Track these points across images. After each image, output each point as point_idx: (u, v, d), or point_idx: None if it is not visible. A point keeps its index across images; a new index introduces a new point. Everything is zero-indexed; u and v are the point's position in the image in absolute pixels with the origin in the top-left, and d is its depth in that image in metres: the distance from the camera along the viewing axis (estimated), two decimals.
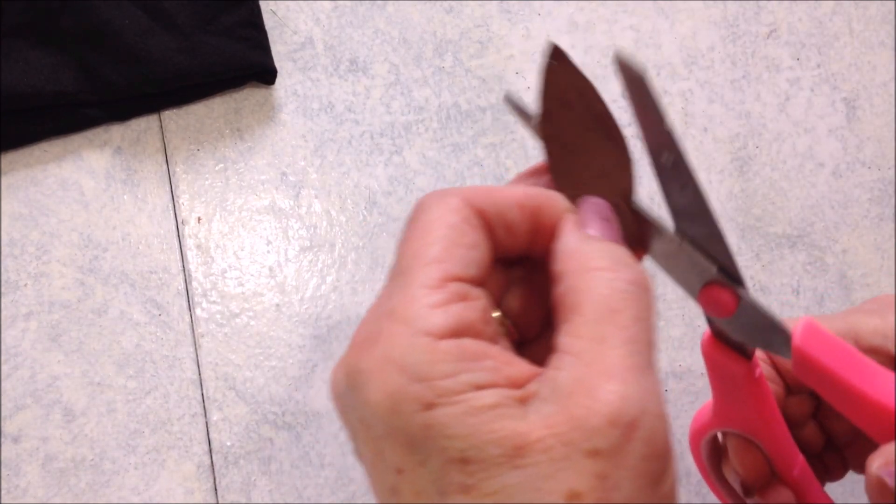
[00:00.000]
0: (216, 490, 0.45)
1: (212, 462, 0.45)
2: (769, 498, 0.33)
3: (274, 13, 0.51)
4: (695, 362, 0.49)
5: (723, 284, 0.26)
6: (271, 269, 0.48)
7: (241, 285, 0.48)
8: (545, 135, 0.26)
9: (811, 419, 0.35)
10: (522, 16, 0.53)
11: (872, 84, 0.54)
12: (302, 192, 0.49)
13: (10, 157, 0.48)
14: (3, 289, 0.46)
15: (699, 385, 0.48)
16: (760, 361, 0.32)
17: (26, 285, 0.46)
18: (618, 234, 0.25)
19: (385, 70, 0.51)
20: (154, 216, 0.48)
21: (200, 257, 0.48)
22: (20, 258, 0.46)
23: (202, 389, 0.46)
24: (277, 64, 0.50)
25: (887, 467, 0.25)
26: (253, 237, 0.48)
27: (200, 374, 0.46)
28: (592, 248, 0.23)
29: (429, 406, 0.20)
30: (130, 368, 0.46)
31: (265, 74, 0.49)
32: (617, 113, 0.26)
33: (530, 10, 0.53)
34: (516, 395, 0.21)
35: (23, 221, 0.47)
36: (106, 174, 0.48)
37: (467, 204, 0.23)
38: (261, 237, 0.48)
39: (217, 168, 0.49)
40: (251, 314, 0.47)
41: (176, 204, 0.48)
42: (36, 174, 0.48)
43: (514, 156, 0.51)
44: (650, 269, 0.25)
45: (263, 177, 0.49)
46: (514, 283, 0.26)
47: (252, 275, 0.48)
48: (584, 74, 0.25)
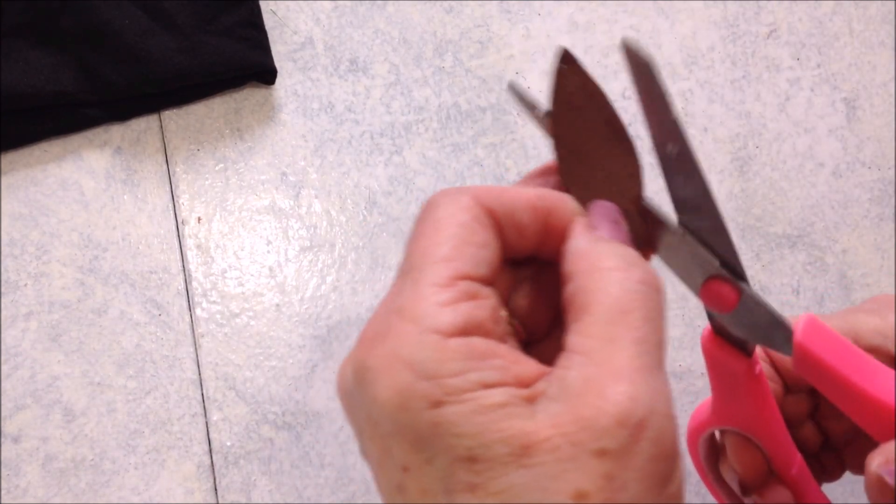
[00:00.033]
0: (216, 490, 0.45)
1: (212, 462, 0.45)
2: (767, 497, 0.33)
3: (274, 13, 0.51)
4: (695, 362, 0.49)
5: (725, 279, 0.26)
6: (271, 269, 0.48)
7: (241, 285, 0.48)
8: (555, 138, 0.26)
9: (809, 419, 0.35)
10: (522, 16, 0.53)
11: (872, 84, 0.54)
12: (302, 192, 0.49)
13: (10, 157, 0.48)
14: (3, 289, 0.46)
15: (699, 385, 0.48)
16: (759, 360, 0.32)
17: (26, 285, 0.46)
18: (627, 237, 0.25)
19: (385, 70, 0.51)
20: (154, 216, 0.48)
21: (200, 257, 0.48)
22: (20, 258, 0.46)
23: (202, 389, 0.46)
24: (277, 64, 0.50)
25: (887, 465, 0.25)
26: (253, 237, 0.48)
27: (200, 374, 0.46)
28: (603, 249, 0.23)
29: (437, 404, 0.20)
30: (130, 368, 0.46)
31: (265, 74, 0.49)
32: (620, 110, 0.26)
33: (530, 10, 0.53)
34: (524, 394, 0.21)
35: (23, 221, 0.47)
36: (106, 174, 0.48)
37: (478, 203, 0.23)
38: (261, 237, 0.48)
39: (217, 168, 0.49)
40: (251, 314, 0.47)
41: (176, 204, 0.48)
42: (36, 174, 0.48)
43: (514, 156, 0.51)
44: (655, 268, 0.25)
45: (263, 177, 0.49)
46: (522, 283, 0.26)
47: (252, 275, 0.48)
48: (594, 79, 0.25)
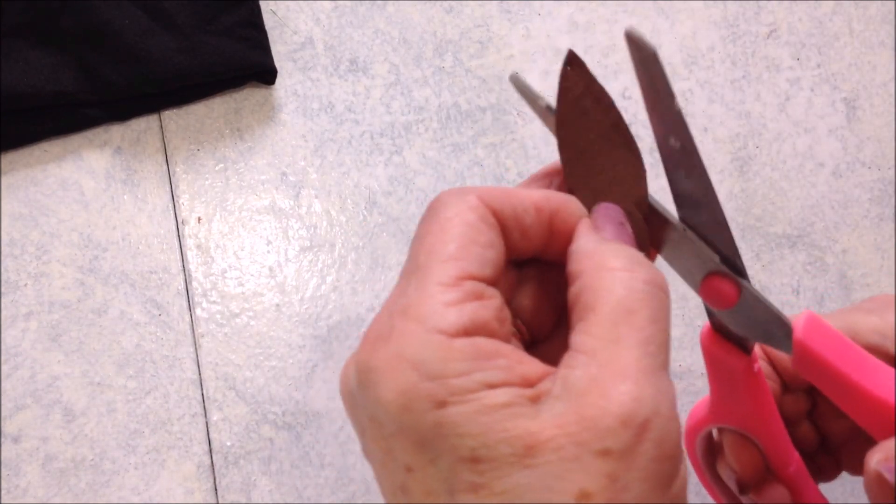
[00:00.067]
0: (216, 490, 0.45)
1: (212, 462, 0.45)
2: (764, 496, 0.33)
3: (274, 13, 0.51)
4: (695, 362, 0.49)
5: (725, 275, 0.26)
6: (271, 269, 0.48)
7: (241, 285, 0.48)
8: (560, 140, 0.26)
9: (806, 418, 0.35)
10: (522, 16, 0.53)
11: (872, 84, 0.54)
12: (302, 192, 0.49)
13: (10, 157, 0.48)
14: (3, 289, 0.46)
15: (699, 385, 0.48)
16: (757, 358, 0.32)
17: (26, 285, 0.46)
18: (631, 239, 0.25)
19: (385, 70, 0.51)
20: (154, 216, 0.48)
21: (200, 257, 0.48)
22: (20, 258, 0.46)
23: (202, 389, 0.46)
24: (277, 64, 0.50)
25: (887, 462, 0.25)
26: (253, 237, 0.48)
27: (200, 374, 0.46)
28: (609, 249, 0.23)
29: (441, 404, 0.20)
30: (130, 368, 0.46)
31: (265, 74, 0.49)
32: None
33: (530, 10, 0.53)
34: (528, 394, 0.21)
35: (23, 221, 0.47)
36: (106, 174, 0.48)
37: (484, 203, 0.23)
38: (261, 237, 0.48)
39: (217, 168, 0.49)
40: (251, 314, 0.47)
41: (176, 204, 0.48)
42: (36, 174, 0.48)
43: (514, 156, 0.51)
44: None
45: (263, 177, 0.49)
46: (525, 283, 0.26)
47: (252, 275, 0.48)
48: (599, 82, 0.25)
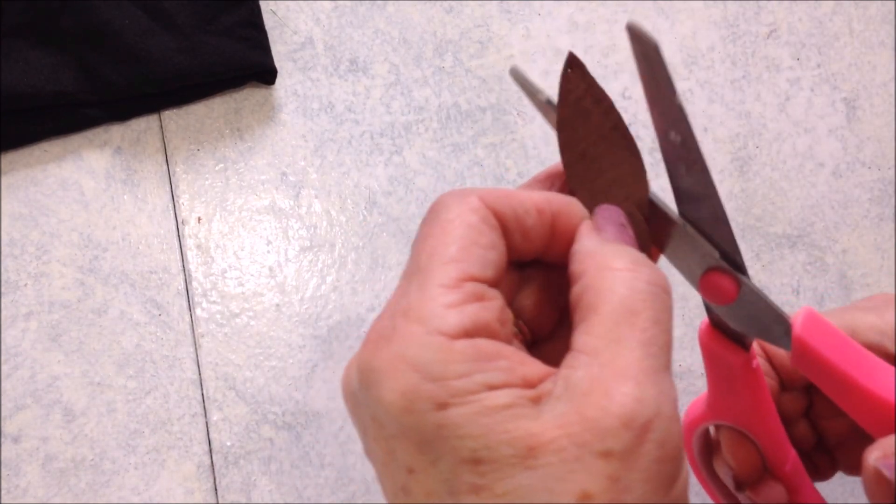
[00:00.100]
0: (216, 490, 0.45)
1: (212, 462, 0.45)
2: (761, 493, 0.33)
3: (274, 13, 0.51)
4: (695, 362, 0.49)
5: (724, 271, 0.26)
6: (271, 269, 0.48)
7: (241, 285, 0.48)
8: (561, 142, 0.26)
9: (803, 417, 0.35)
10: (522, 16, 0.53)
11: (872, 84, 0.54)
12: (302, 192, 0.49)
13: (10, 157, 0.48)
14: (3, 289, 0.46)
15: (699, 385, 0.48)
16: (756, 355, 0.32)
17: (26, 285, 0.46)
18: (633, 240, 0.25)
19: (385, 70, 0.51)
20: (154, 216, 0.48)
21: (200, 257, 0.48)
22: (20, 258, 0.46)
23: (202, 389, 0.46)
24: (277, 64, 0.50)
25: (885, 459, 0.25)
26: (253, 237, 0.48)
27: (200, 374, 0.46)
28: (612, 250, 0.23)
29: (442, 406, 0.20)
30: (130, 368, 0.46)
31: (265, 74, 0.49)
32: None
33: (530, 10, 0.53)
34: (530, 395, 0.21)
35: (23, 221, 0.47)
36: (106, 174, 0.48)
37: (486, 204, 0.23)
38: (261, 237, 0.48)
39: (217, 168, 0.49)
40: (251, 314, 0.47)
41: (176, 204, 0.48)
42: (36, 174, 0.48)
43: (514, 156, 0.51)
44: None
45: (263, 177, 0.49)
46: (526, 284, 0.26)
47: (252, 275, 0.48)
48: (599, 85, 0.25)
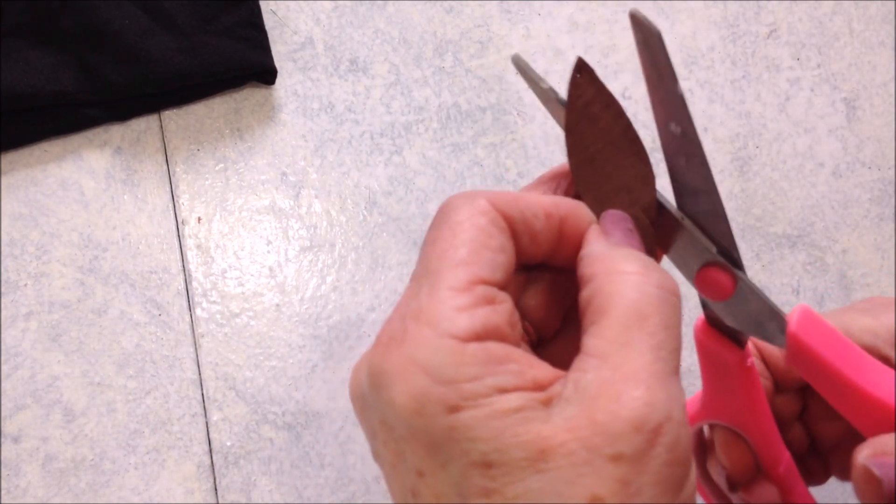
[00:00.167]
0: (216, 490, 0.45)
1: (212, 462, 0.45)
2: (754, 494, 0.33)
3: (274, 13, 0.51)
4: (695, 362, 0.49)
5: (721, 266, 0.26)
6: (271, 269, 0.48)
7: (241, 285, 0.48)
8: (569, 146, 0.26)
9: (797, 420, 0.35)
10: (522, 16, 0.53)
11: (872, 84, 0.54)
12: (302, 192, 0.49)
13: (10, 157, 0.48)
14: (3, 289, 0.46)
15: (699, 385, 0.48)
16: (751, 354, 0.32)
17: (26, 285, 0.46)
18: (640, 245, 0.25)
19: (385, 70, 0.51)
20: (154, 216, 0.48)
21: (200, 257, 0.48)
22: (20, 258, 0.46)
23: (202, 389, 0.46)
24: (277, 64, 0.50)
25: (875, 458, 0.25)
26: (253, 237, 0.48)
27: (200, 374, 0.46)
28: (621, 254, 0.24)
29: (453, 409, 0.20)
30: (130, 368, 0.46)
31: (265, 74, 0.49)
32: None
33: (530, 10, 0.53)
34: (540, 398, 0.21)
35: (23, 221, 0.47)
36: (106, 174, 0.48)
37: (494, 207, 0.23)
38: (261, 237, 0.48)
39: (217, 168, 0.49)
40: (251, 314, 0.47)
41: (176, 204, 0.48)
42: (36, 174, 0.48)
43: (514, 156, 0.51)
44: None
45: (263, 177, 0.49)
46: (530, 285, 0.26)
47: (252, 275, 0.48)
48: (608, 89, 0.25)
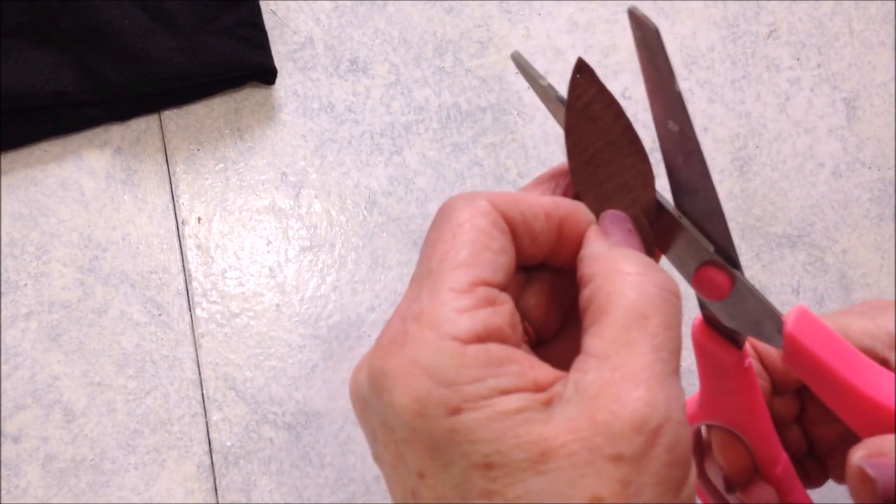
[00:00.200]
0: (216, 490, 0.45)
1: (212, 462, 0.45)
2: (751, 495, 0.33)
3: (274, 13, 0.51)
4: (694, 362, 0.49)
5: (719, 265, 0.26)
6: (271, 269, 0.48)
7: (241, 285, 0.48)
8: (569, 147, 0.26)
9: (795, 423, 0.35)
10: (522, 16, 0.53)
11: (872, 84, 0.54)
12: (302, 192, 0.49)
13: (10, 157, 0.48)
14: (3, 289, 0.46)
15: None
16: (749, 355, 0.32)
17: (26, 285, 0.46)
18: (640, 245, 0.25)
19: (385, 70, 0.51)
20: (154, 216, 0.48)
21: (200, 257, 0.48)
22: (20, 258, 0.46)
23: (202, 389, 0.46)
24: (277, 64, 0.50)
25: (870, 458, 0.24)
26: (253, 237, 0.48)
27: (200, 374, 0.46)
28: (621, 254, 0.24)
29: (455, 411, 0.20)
30: (130, 368, 0.46)
31: (265, 74, 0.49)
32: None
33: (530, 10, 0.53)
34: (541, 398, 0.21)
35: (23, 221, 0.47)
36: (106, 174, 0.48)
37: (495, 208, 0.23)
38: (261, 237, 0.48)
39: (217, 168, 0.49)
40: (251, 314, 0.47)
41: (176, 204, 0.48)
42: (36, 174, 0.48)
43: (514, 156, 0.51)
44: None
45: (263, 177, 0.49)
46: (530, 286, 0.26)
47: (252, 275, 0.48)
48: (609, 90, 0.25)
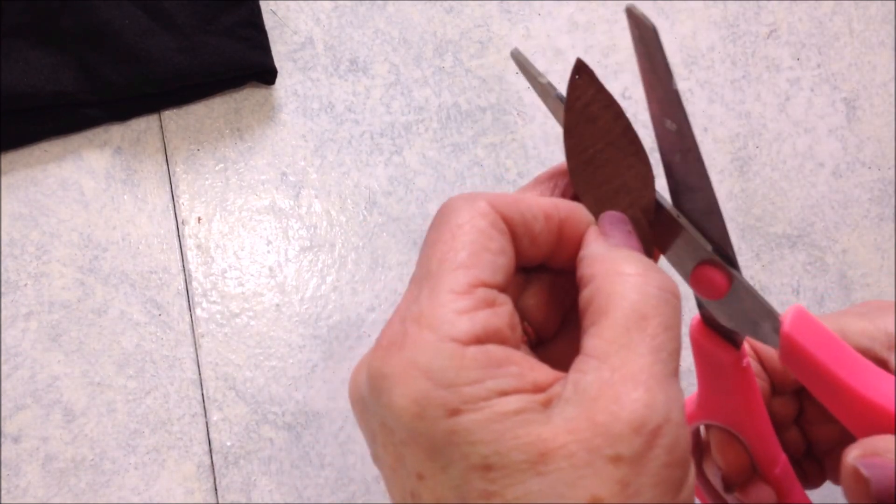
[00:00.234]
0: (216, 490, 0.45)
1: (212, 462, 0.45)
2: (749, 495, 0.33)
3: (274, 13, 0.51)
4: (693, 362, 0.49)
5: (717, 264, 0.26)
6: (271, 269, 0.48)
7: (241, 285, 0.48)
8: (568, 148, 0.26)
9: (794, 424, 0.35)
10: (522, 16, 0.53)
11: (872, 84, 0.54)
12: (302, 192, 0.49)
13: (10, 157, 0.48)
14: (3, 289, 0.46)
15: None
16: (747, 355, 0.31)
17: (26, 285, 0.46)
18: (640, 246, 0.25)
19: (385, 70, 0.51)
20: (154, 216, 0.48)
21: (200, 257, 0.48)
22: (20, 258, 0.46)
23: (202, 389, 0.46)
24: (277, 64, 0.50)
25: (864, 458, 0.24)
26: (253, 237, 0.48)
27: (200, 374, 0.46)
28: (621, 255, 0.24)
29: (454, 412, 0.20)
30: (130, 368, 0.46)
31: (265, 74, 0.49)
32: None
33: (530, 10, 0.53)
34: (540, 399, 0.21)
35: (23, 221, 0.47)
36: (106, 174, 0.48)
37: (495, 209, 0.23)
38: (261, 237, 0.48)
39: (217, 168, 0.49)
40: (251, 314, 0.47)
41: (176, 204, 0.48)
42: (36, 174, 0.48)
43: (514, 156, 0.51)
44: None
45: (263, 177, 0.49)
46: (529, 286, 0.26)
47: (252, 275, 0.48)
48: (608, 90, 0.25)
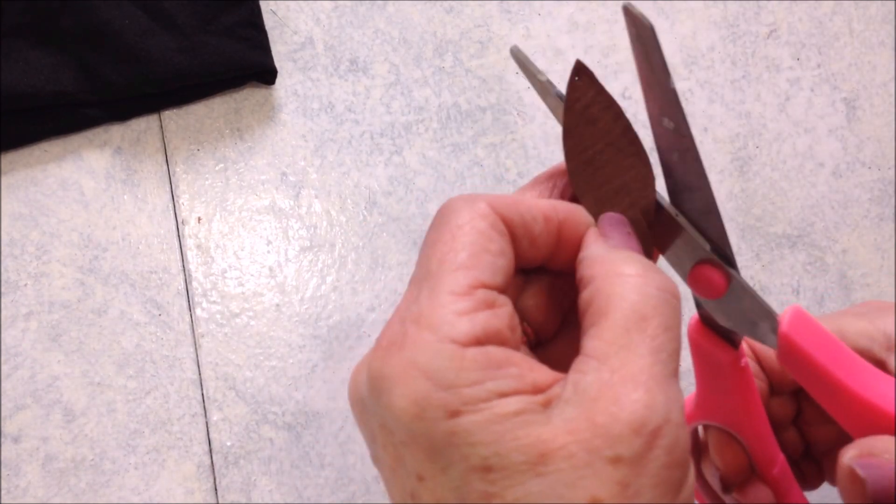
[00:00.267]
0: (216, 490, 0.45)
1: (212, 462, 0.45)
2: (748, 495, 0.33)
3: (274, 13, 0.51)
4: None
5: (715, 264, 0.26)
6: (271, 269, 0.48)
7: (241, 285, 0.48)
8: (567, 149, 0.26)
9: (792, 424, 0.35)
10: (522, 16, 0.53)
11: (872, 84, 0.54)
12: (302, 192, 0.49)
13: (10, 157, 0.48)
14: (3, 289, 0.46)
15: None
16: (745, 355, 0.31)
17: (26, 285, 0.46)
18: (639, 248, 0.25)
19: (385, 70, 0.51)
20: (154, 216, 0.48)
21: (200, 257, 0.48)
22: (20, 258, 0.46)
23: (202, 389, 0.46)
24: (277, 64, 0.50)
25: (860, 458, 0.25)
26: (253, 237, 0.48)
27: (200, 374, 0.46)
28: (621, 256, 0.24)
29: (454, 413, 0.20)
30: (130, 368, 0.46)
31: (265, 74, 0.49)
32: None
33: (530, 10, 0.53)
34: (539, 400, 0.21)
35: (23, 221, 0.47)
36: (106, 174, 0.48)
37: (494, 210, 0.23)
38: (261, 237, 0.48)
39: (217, 168, 0.49)
40: (251, 314, 0.47)
41: (176, 204, 0.48)
42: (36, 174, 0.48)
43: (514, 156, 0.51)
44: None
45: (263, 177, 0.49)
46: (528, 287, 0.26)
47: (252, 275, 0.48)
48: (608, 91, 0.25)
